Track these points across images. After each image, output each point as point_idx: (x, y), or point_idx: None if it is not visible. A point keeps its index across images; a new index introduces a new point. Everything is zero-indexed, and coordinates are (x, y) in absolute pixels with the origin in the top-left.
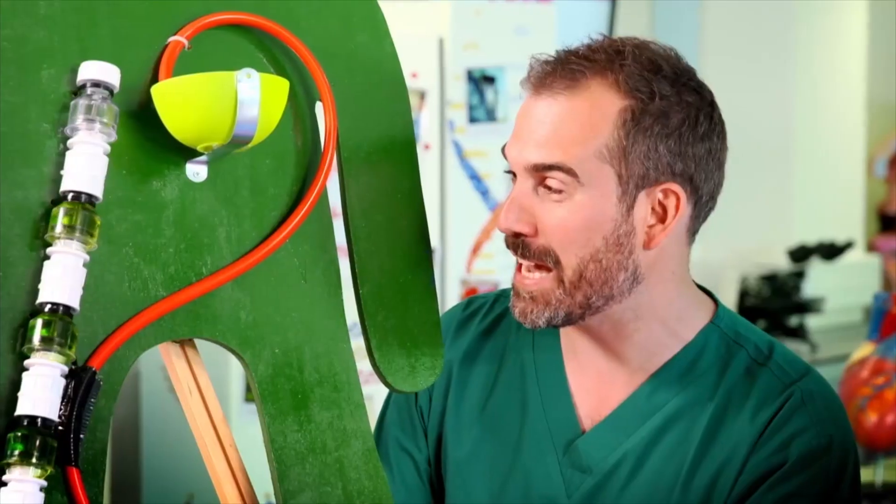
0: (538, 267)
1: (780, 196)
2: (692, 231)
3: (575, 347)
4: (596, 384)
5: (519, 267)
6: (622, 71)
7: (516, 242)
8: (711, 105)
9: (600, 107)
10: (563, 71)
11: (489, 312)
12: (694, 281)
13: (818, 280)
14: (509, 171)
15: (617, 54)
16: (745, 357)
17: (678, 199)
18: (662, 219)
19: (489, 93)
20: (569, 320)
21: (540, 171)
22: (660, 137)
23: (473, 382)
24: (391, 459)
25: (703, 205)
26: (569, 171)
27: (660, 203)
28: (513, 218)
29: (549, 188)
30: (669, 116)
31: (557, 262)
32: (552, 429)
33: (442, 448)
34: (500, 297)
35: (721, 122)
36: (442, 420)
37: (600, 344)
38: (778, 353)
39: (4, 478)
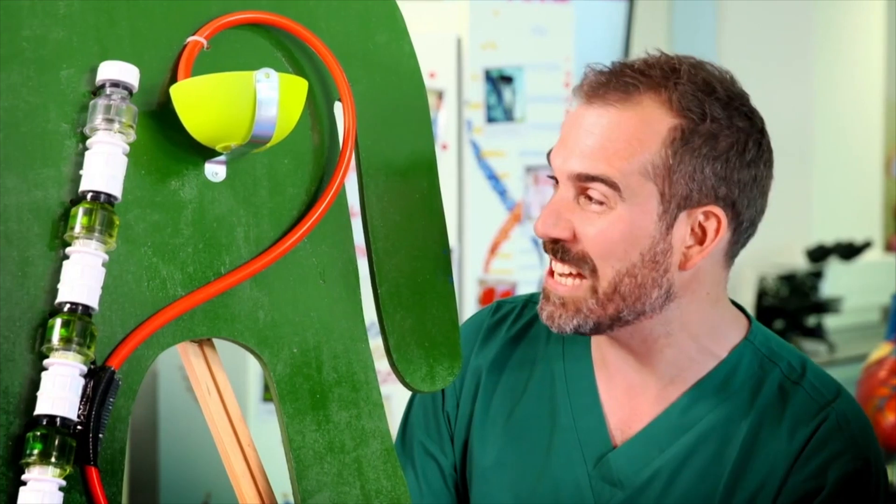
0: (573, 275)
1: (799, 196)
2: (731, 255)
3: (605, 358)
4: (626, 396)
5: (551, 271)
6: (676, 89)
7: (555, 247)
8: (761, 132)
9: (650, 123)
10: (616, 83)
11: (518, 319)
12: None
13: (836, 280)
14: (552, 177)
15: (672, 72)
16: (778, 375)
17: (719, 222)
18: (701, 241)
19: (507, 93)
20: (597, 330)
21: (583, 182)
22: (707, 159)
23: (501, 390)
24: (416, 464)
25: (743, 230)
26: (612, 185)
27: (700, 225)
28: (550, 223)
29: (591, 199)
30: (718, 139)
31: (594, 271)
32: (582, 440)
33: (468, 454)
34: (529, 303)
35: (769, 151)
36: (469, 426)
37: (631, 356)
38: (810, 372)
39: (24, 477)
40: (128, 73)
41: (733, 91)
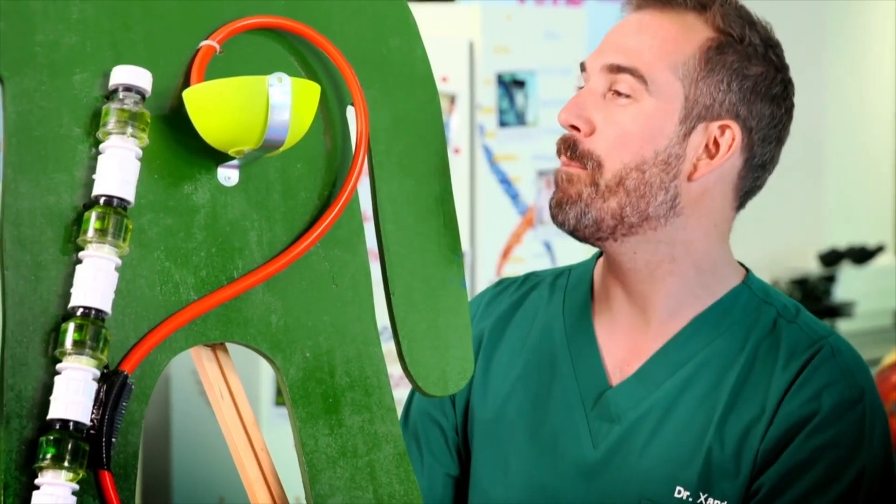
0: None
1: (811, 200)
2: (738, 193)
3: (608, 296)
4: (626, 338)
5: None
6: (720, 10)
7: (568, 141)
8: (790, 81)
9: (689, 32)
10: None
11: (520, 287)
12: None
13: (849, 284)
14: (581, 88)
15: None
16: (773, 313)
17: (733, 139)
18: (713, 156)
19: (519, 97)
20: (598, 229)
21: (613, 73)
22: (736, 75)
23: (503, 348)
24: (419, 431)
25: (753, 167)
26: (640, 77)
27: (715, 141)
28: (573, 112)
29: (618, 93)
30: (751, 62)
31: (599, 166)
32: (581, 384)
33: (469, 413)
34: (531, 275)
35: (791, 101)
36: (470, 387)
37: (634, 287)
38: (804, 314)
39: (37, 481)
40: (140, 77)
41: (772, 36)
